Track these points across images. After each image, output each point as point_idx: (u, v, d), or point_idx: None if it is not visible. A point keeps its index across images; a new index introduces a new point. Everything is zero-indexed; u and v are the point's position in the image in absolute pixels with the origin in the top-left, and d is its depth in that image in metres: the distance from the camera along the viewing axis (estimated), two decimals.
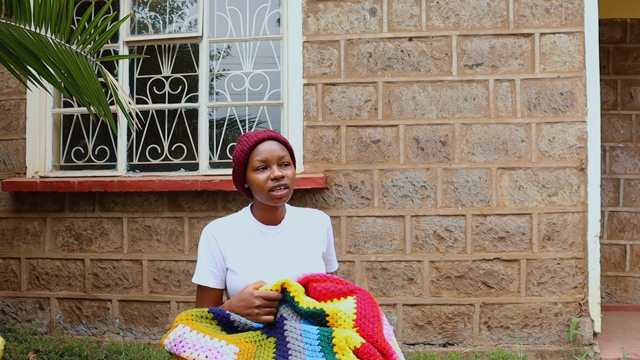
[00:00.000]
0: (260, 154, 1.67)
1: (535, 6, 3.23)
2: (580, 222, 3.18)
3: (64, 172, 3.60)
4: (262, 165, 1.66)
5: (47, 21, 2.14)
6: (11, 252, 3.58)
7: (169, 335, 1.51)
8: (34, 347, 3.21)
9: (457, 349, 3.22)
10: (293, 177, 1.71)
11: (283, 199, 1.67)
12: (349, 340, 1.46)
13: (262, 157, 1.66)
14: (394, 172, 3.28)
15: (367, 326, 1.51)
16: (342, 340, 1.45)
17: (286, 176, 1.67)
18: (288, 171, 1.68)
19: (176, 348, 1.48)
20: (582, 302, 3.16)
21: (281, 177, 1.65)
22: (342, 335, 1.46)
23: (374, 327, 1.51)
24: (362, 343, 1.46)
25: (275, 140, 1.70)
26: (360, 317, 1.53)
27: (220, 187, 3.28)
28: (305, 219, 1.82)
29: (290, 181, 1.69)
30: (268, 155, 1.66)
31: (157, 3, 3.68)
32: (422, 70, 3.29)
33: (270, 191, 1.65)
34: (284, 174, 1.67)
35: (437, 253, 3.25)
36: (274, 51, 3.51)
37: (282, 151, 1.69)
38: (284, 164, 1.68)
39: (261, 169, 1.67)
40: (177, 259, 3.42)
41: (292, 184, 1.70)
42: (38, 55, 2.22)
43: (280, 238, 1.75)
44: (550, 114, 3.21)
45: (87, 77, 2.25)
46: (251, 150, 1.68)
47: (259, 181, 1.65)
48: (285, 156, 1.69)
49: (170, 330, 1.52)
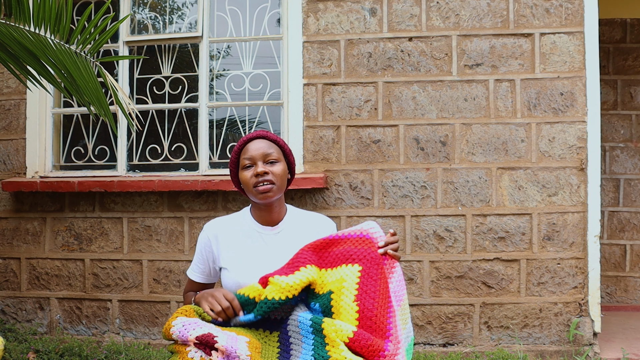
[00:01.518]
0: (246, 152, 1.71)
1: (535, 6, 3.23)
2: (580, 222, 3.18)
3: (64, 172, 3.60)
4: (249, 164, 1.70)
5: (47, 21, 2.14)
6: (11, 252, 3.58)
7: (172, 323, 1.46)
8: (34, 347, 3.22)
9: (457, 349, 3.22)
10: (282, 173, 1.71)
11: (269, 195, 1.67)
12: (339, 333, 1.44)
13: (248, 155, 1.70)
14: (394, 172, 3.28)
15: (367, 301, 1.51)
16: (332, 333, 1.44)
17: (271, 172, 1.69)
18: (274, 168, 1.70)
19: (185, 329, 1.43)
20: (582, 302, 3.16)
21: (264, 172, 1.67)
22: (332, 327, 1.44)
23: (374, 303, 1.51)
24: (354, 332, 1.44)
25: (264, 139, 1.73)
26: (362, 292, 1.53)
27: (220, 187, 3.28)
28: (307, 222, 1.81)
29: (277, 177, 1.69)
30: (253, 152, 1.70)
31: (157, 3, 3.68)
32: (422, 70, 3.29)
33: (255, 186, 1.67)
34: (268, 170, 1.68)
35: (437, 253, 3.25)
36: (274, 51, 3.51)
37: (269, 148, 1.71)
38: (270, 161, 1.70)
39: (248, 167, 1.70)
40: (177, 259, 3.42)
41: (280, 180, 1.70)
42: (37, 55, 2.22)
43: (276, 239, 1.75)
44: (550, 114, 3.21)
45: (87, 77, 2.25)
46: (240, 149, 1.73)
47: (246, 178, 1.69)
48: (271, 153, 1.71)
49: (171, 321, 1.48)
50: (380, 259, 1.59)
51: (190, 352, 1.41)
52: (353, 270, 1.58)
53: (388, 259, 1.61)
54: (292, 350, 1.49)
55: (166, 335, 1.47)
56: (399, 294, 1.59)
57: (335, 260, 1.61)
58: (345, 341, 1.43)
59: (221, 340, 1.40)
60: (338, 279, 1.57)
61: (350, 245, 1.63)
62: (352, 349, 1.44)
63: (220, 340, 1.40)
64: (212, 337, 1.40)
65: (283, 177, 1.72)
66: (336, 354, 1.41)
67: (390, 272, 1.60)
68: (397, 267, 1.61)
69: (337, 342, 1.43)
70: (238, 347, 1.41)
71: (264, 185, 1.67)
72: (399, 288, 1.59)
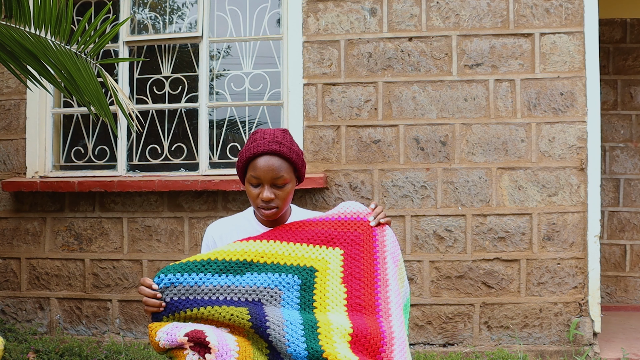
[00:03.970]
0: (255, 169, 1.60)
1: (535, 6, 3.23)
2: (580, 222, 3.18)
3: (64, 172, 3.60)
4: (255, 182, 1.61)
5: (47, 23, 2.14)
6: (11, 252, 3.58)
7: (155, 338, 1.43)
8: (34, 347, 3.22)
9: (457, 349, 3.22)
10: (289, 194, 1.63)
11: (273, 217, 1.63)
12: (336, 331, 1.46)
13: (256, 174, 1.59)
14: (394, 172, 3.28)
15: (354, 282, 1.55)
16: (328, 331, 1.46)
17: (277, 197, 1.60)
18: (281, 192, 1.61)
19: (171, 335, 1.40)
20: (582, 302, 3.17)
21: (269, 199, 1.59)
22: (329, 327, 1.46)
23: (361, 283, 1.55)
24: (353, 329, 1.46)
25: (276, 156, 1.60)
26: (347, 274, 1.57)
27: (220, 187, 3.28)
28: None
29: (283, 201, 1.62)
30: (262, 173, 1.58)
31: (157, 3, 3.68)
32: (422, 70, 3.29)
33: (259, 208, 1.62)
34: (276, 194, 1.60)
35: (437, 253, 3.25)
36: (274, 51, 3.51)
37: (278, 169, 1.59)
38: (277, 185, 1.60)
39: (254, 185, 1.61)
40: (177, 259, 3.40)
41: (285, 202, 1.63)
42: (38, 56, 2.22)
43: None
44: (550, 114, 3.21)
45: (87, 78, 2.25)
46: (249, 161, 1.62)
47: (251, 195, 1.62)
48: (281, 176, 1.59)
49: (154, 337, 1.44)
50: (360, 240, 1.64)
51: (187, 355, 1.41)
52: (335, 254, 1.61)
53: (379, 228, 1.66)
54: (277, 347, 1.49)
55: (159, 349, 1.46)
56: (395, 255, 1.65)
57: (313, 238, 1.63)
58: (347, 342, 1.45)
59: (209, 334, 1.41)
60: (320, 259, 1.60)
61: (330, 228, 1.65)
62: (352, 348, 1.45)
63: (209, 334, 1.41)
64: (202, 333, 1.41)
65: (290, 196, 1.65)
66: (329, 349, 1.42)
67: (384, 237, 1.65)
68: (387, 230, 1.67)
69: (331, 338, 1.45)
70: (226, 338, 1.42)
71: (268, 211, 1.61)
72: (394, 249, 1.65)
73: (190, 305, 1.49)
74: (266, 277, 1.55)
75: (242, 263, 1.55)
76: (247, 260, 1.56)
